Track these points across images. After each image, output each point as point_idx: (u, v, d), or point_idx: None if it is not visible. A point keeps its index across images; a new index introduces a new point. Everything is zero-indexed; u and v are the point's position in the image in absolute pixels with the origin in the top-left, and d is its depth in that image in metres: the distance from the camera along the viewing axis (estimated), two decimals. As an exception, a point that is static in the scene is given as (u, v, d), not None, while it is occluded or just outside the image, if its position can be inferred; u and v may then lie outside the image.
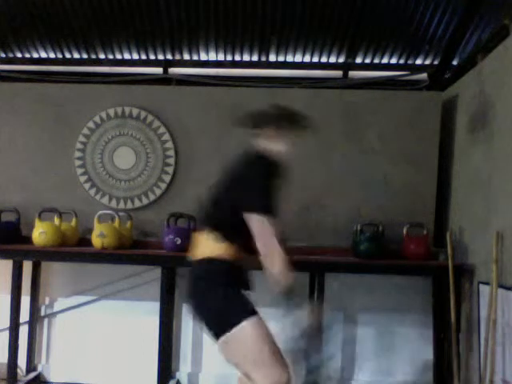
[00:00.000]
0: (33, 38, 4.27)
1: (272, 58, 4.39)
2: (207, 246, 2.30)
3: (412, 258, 3.61)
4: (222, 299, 2.24)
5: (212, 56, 4.40)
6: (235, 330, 2.18)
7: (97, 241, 3.56)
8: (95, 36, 4.21)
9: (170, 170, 3.97)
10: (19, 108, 4.02)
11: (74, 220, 3.76)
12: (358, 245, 3.60)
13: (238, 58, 4.40)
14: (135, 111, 4.00)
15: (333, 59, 4.38)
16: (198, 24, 4.04)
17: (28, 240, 3.67)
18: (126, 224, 3.78)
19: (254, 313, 2.23)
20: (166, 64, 4.43)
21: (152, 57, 4.43)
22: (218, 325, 2.23)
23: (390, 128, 3.91)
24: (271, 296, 2.13)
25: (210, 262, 2.28)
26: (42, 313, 4.04)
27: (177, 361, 3.95)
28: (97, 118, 4.00)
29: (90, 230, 3.68)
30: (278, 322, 2.15)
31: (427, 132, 3.89)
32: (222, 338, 2.21)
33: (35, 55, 4.46)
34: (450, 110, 3.92)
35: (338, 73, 4.42)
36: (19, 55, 4.47)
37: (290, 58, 4.39)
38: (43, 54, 4.45)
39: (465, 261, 3.49)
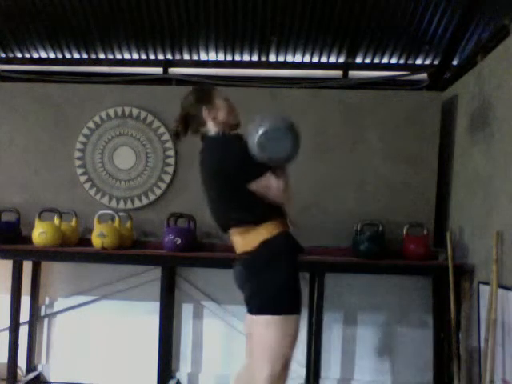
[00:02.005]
0: (33, 38, 4.28)
1: (272, 58, 4.39)
2: (251, 239, 2.20)
3: (412, 258, 3.61)
4: (286, 280, 2.16)
5: (212, 56, 4.40)
6: (284, 318, 2.13)
7: (97, 241, 3.56)
8: (95, 36, 4.22)
9: (170, 169, 3.97)
10: (19, 108, 4.02)
11: (73, 220, 3.76)
12: (358, 245, 3.60)
13: (238, 57, 4.40)
14: (135, 111, 4.00)
15: (333, 59, 4.38)
16: (198, 24, 4.04)
17: (28, 240, 3.67)
18: (126, 224, 3.78)
19: (300, 311, 2.20)
20: (166, 64, 4.43)
21: (152, 57, 4.44)
22: (271, 302, 2.14)
23: (389, 128, 3.91)
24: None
25: (264, 244, 2.18)
26: (42, 313, 4.03)
27: (177, 361, 3.95)
28: (97, 118, 4.00)
29: (90, 230, 3.68)
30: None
31: (427, 132, 3.88)
32: (266, 317, 2.13)
33: (35, 55, 4.47)
34: (450, 110, 3.92)
35: (338, 73, 4.42)
36: (19, 55, 4.47)
37: (290, 58, 4.39)
38: (43, 54, 4.45)
39: (465, 261, 3.49)
